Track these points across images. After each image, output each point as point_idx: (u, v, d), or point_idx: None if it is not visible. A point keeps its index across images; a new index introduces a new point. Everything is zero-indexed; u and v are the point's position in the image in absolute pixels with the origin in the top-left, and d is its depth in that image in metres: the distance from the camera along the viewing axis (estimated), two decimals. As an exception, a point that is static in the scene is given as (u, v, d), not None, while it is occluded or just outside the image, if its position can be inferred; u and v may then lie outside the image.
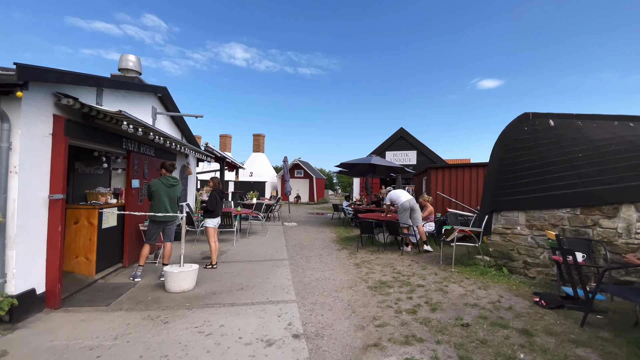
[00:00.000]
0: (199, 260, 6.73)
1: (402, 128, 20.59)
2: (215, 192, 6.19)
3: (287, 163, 12.65)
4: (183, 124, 9.41)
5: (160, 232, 5.51)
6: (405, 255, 7.00)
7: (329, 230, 11.05)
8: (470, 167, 9.18)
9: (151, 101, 7.34)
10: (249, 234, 9.90)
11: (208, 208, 6.05)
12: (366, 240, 8.62)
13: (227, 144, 32.58)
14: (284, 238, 9.34)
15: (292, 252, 7.45)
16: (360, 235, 7.77)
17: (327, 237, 9.67)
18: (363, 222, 7.25)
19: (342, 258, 6.83)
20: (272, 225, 11.88)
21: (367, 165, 11.99)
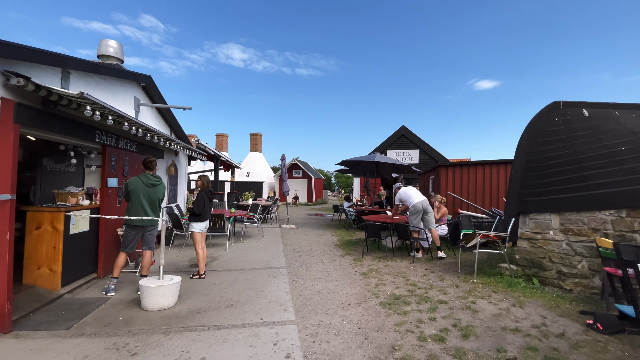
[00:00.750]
0: (186, 268, 5.99)
1: (404, 126, 19.90)
2: (204, 192, 5.46)
3: (285, 162, 11.93)
4: (172, 118, 8.67)
5: (139, 238, 4.77)
6: (416, 262, 6.29)
7: (330, 233, 10.33)
8: (484, 165, 8.48)
9: (133, 91, 6.60)
10: (243, 237, 9.16)
11: (194, 211, 5.32)
12: (371, 244, 7.90)
13: (223, 144, 31.79)
14: (282, 242, 8.61)
15: (290, 259, 6.72)
16: (365, 240, 7.06)
17: (329, 240, 8.94)
18: (369, 225, 6.53)
19: (347, 265, 6.11)
20: (269, 228, 11.14)
21: (370, 164, 11.28)
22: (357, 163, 11.23)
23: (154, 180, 4.70)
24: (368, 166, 11.74)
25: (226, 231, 7.63)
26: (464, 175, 8.50)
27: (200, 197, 5.39)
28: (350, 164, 11.23)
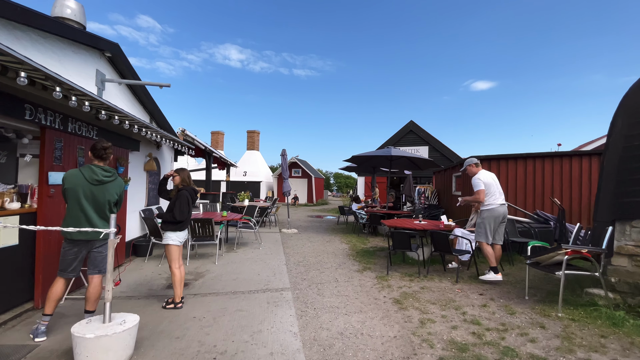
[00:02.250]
0: (161, 290, 4.57)
1: (412, 121, 18.55)
2: (186, 192, 4.04)
3: (286, 157, 10.51)
4: (151, 104, 7.23)
5: (82, 258, 3.34)
6: (461, 282, 4.89)
7: (339, 239, 8.91)
8: (525, 159, 7.09)
9: (94, 62, 5.17)
10: (237, 245, 7.73)
11: (175, 217, 3.90)
12: (394, 256, 6.52)
13: (219, 142, 30.30)
14: (283, 251, 7.19)
15: (295, 276, 5.31)
16: (389, 251, 5.65)
17: (339, 249, 7.53)
18: (396, 233, 5.13)
19: (370, 286, 4.71)
20: (267, 233, 9.71)
21: (383, 160, 9.88)
22: (368, 159, 9.84)
23: (102, 174, 3.27)
24: (380, 162, 10.35)
25: (216, 239, 6.21)
26: (501, 171, 7.12)
27: (184, 198, 3.97)
28: (360, 159, 9.83)
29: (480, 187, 4.93)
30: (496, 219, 4.85)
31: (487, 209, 4.90)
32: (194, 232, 6.10)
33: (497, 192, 4.94)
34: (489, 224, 4.86)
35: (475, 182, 5.02)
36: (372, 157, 9.50)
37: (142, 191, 7.09)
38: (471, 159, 5.24)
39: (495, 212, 4.84)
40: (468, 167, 5.29)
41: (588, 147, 12.52)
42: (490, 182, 4.93)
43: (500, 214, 4.85)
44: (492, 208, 4.86)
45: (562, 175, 6.83)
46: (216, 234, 6.36)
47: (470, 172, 5.21)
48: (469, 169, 5.27)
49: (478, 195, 4.96)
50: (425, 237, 5.89)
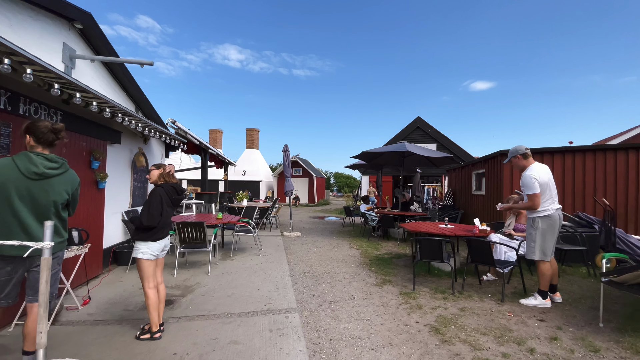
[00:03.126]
0: (140, 309, 3.70)
1: (419, 117, 17.69)
2: (160, 190, 3.17)
3: (288, 154, 9.62)
4: (137, 92, 6.36)
5: (19, 280, 2.45)
6: (507, 301, 4.02)
7: (347, 243, 8.04)
8: (564, 153, 6.20)
9: (61, 34, 4.30)
10: (234, 251, 6.85)
11: (142, 221, 3.02)
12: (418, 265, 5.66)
13: (217, 140, 29.43)
14: (286, 259, 6.31)
15: (302, 291, 4.44)
16: (413, 260, 4.79)
17: (349, 256, 6.66)
18: (424, 240, 4.25)
19: (395, 306, 3.84)
20: (268, 236, 8.83)
21: (395, 156, 9.00)
22: (378, 155, 8.96)
23: (44, 165, 2.38)
24: (392, 159, 9.47)
25: (208, 246, 5.33)
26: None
27: (156, 198, 3.09)
28: (370, 156, 8.95)
29: (536, 190, 3.80)
30: (554, 228, 3.85)
31: (542, 216, 3.85)
32: (183, 237, 5.22)
33: (553, 194, 3.91)
34: (544, 236, 3.84)
35: (527, 181, 3.85)
36: (383, 153, 8.63)
37: (126, 190, 6.21)
38: (519, 147, 4.08)
39: (553, 219, 3.84)
40: (514, 158, 4.09)
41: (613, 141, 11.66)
42: (545, 181, 3.86)
43: (558, 222, 3.87)
44: (548, 215, 3.84)
45: (606, 172, 5.97)
46: (209, 239, 5.49)
47: (518, 166, 4.12)
48: (516, 162, 4.08)
49: (532, 202, 3.82)
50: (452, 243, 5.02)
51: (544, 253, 3.87)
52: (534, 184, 3.84)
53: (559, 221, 3.90)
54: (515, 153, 4.12)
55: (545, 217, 3.87)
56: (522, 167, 4.09)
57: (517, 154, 4.11)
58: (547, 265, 3.86)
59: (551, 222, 3.86)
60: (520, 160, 4.08)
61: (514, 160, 4.16)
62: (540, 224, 3.89)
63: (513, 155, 4.15)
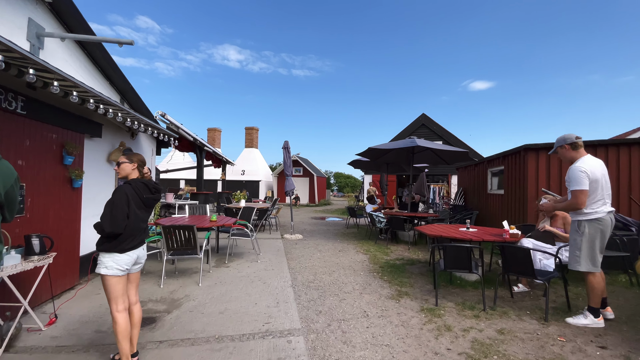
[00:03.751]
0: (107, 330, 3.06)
1: (424, 114, 17.09)
2: (127, 188, 2.54)
3: (289, 151, 9.00)
4: (122, 81, 5.75)
5: None
6: (552, 320, 3.40)
7: (353, 247, 7.42)
8: (596, 147, 5.58)
9: (27, 8, 3.68)
10: (230, 257, 6.23)
11: (102, 227, 2.39)
12: (429, 272, 5.05)
13: (216, 139, 28.80)
14: (287, 265, 5.69)
15: (306, 306, 3.82)
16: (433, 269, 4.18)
17: (357, 262, 6.04)
18: (450, 248, 3.63)
19: (418, 326, 3.23)
20: (267, 239, 8.21)
21: (404, 152, 8.39)
22: (384, 152, 8.34)
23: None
24: (400, 157, 8.85)
25: (200, 253, 4.71)
26: (564, 165, 5.61)
27: (120, 197, 2.46)
28: (376, 153, 8.32)
29: (583, 187, 3.17)
30: (604, 234, 3.23)
31: (590, 219, 3.23)
32: (171, 242, 4.61)
33: (606, 194, 3.27)
34: (592, 243, 3.22)
35: (575, 175, 3.22)
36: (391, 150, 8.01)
37: (109, 190, 5.59)
38: (567, 135, 3.41)
39: (604, 223, 3.22)
40: (561, 149, 3.45)
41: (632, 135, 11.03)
42: (598, 178, 3.23)
43: (609, 228, 3.25)
44: (598, 218, 3.22)
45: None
46: (201, 245, 4.87)
47: (565, 158, 3.47)
48: (563, 152, 3.44)
49: (575, 199, 3.20)
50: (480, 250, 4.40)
51: (593, 263, 3.25)
52: (581, 179, 3.21)
53: (610, 226, 3.28)
54: (562, 142, 3.47)
55: (594, 220, 3.24)
56: (571, 159, 3.43)
57: (564, 144, 3.45)
58: (598, 277, 3.24)
59: (601, 226, 3.23)
60: (568, 151, 3.42)
61: (560, 150, 3.51)
62: (588, 229, 3.27)
63: (560, 144, 3.49)
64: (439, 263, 3.98)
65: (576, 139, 3.37)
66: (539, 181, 5.75)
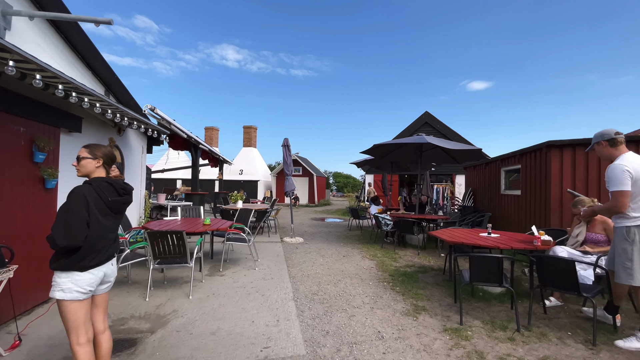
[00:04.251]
0: None
1: (428, 112, 16.62)
2: (91, 188, 2.03)
3: (289, 149, 8.49)
4: (107, 72, 5.24)
5: None
6: (601, 345, 2.91)
7: (358, 251, 6.92)
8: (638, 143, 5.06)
9: (-18, -23, 3.17)
10: (225, 263, 5.73)
11: (54, 240, 1.88)
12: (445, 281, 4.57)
13: (213, 138, 28.27)
14: (288, 273, 5.20)
15: (311, 324, 3.33)
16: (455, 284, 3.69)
17: (363, 269, 5.55)
18: (477, 258, 3.14)
19: (443, 352, 2.74)
20: (266, 243, 7.71)
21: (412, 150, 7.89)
22: (391, 150, 7.84)
23: None
24: (406, 155, 8.36)
25: (190, 261, 4.20)
26: (591, 163, 5.10)
27: (78, 200, 1.95)
28: (382, 150, 7.82)
29: (624, 187, 2.80)
30: None
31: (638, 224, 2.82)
32: (157, 250, 4.10)
33: None
34: None
35: (616, 174, 2.85)
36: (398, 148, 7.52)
37: (91, 190, 5.06)
38: (606, 130, 3.02)
39: None
40: (598, 145, 3.10)
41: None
42: None
43: None
44: None
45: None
46: (192, 252, 4.36)
47: (604, 155, 3.08)
48: (600, 150, 3.08)
49: (615, 201, 2.84)
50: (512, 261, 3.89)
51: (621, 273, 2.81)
52: (623, 178, 2.80)
53: None
54: (599, 139, 3.08)
55: None
56: (609, 157, 3.05)
57: (601, 140, 3.06)
58: None
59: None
60: (606, 148, 3.04)
61: (597, 147, 3.12)
62: (638, 236, 2.81)
63: (597, 141, 3.10)
64: (462, 274, 3.49)
65: (615, 135, 2.98)
66: (563, 181, 5.27)
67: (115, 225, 2.19)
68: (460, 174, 15.68)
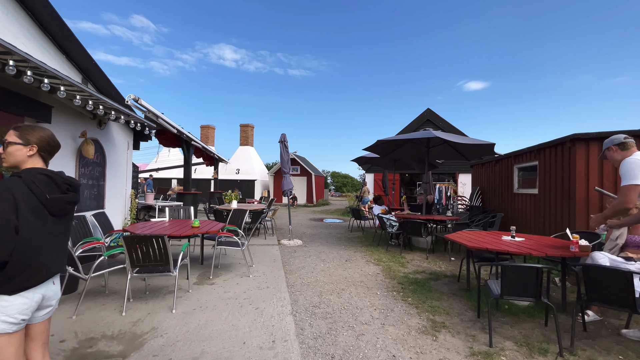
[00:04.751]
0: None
1: (429, 109, 16.15)
2: (22, 183, 1.51)
3: (286, 145, 7.97)
4: (84, 58, 4.72)
5: None
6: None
7: (361, 255, 6.42)
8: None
9: None
10: (216, 269, 5.21)
11: None
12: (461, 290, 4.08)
13: (209, 137, 27.72)
14: (286, 282, 4.68)
15: (313, 345, 2.82)
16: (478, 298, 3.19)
17: (369, 275, 5.05)
18: (509, 269, 2.64)
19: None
20: (262, 246, 7.19)
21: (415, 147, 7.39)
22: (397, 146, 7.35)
23: None
24: (412, 151, 7.87)
25: (174, 270, 3.67)
26: (621, 157, 4.64)
27: (3, 199, 1.43)
28: (387, 146, 7.32)
29: (636, 181, 2.58)
30: None
31: None
32: (136, 257, 3.58)
33: None
34: None
35: (628, 167, 2.65)
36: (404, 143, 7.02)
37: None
38: (615, 136, 2.90)
39: None
40: (608, 151, 2.98)
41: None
42: None
43: None
44: None
45: None
46: (178, 258, 3.83)
47: (615, 161, 2.92)
48: (611, 155, 2.95)
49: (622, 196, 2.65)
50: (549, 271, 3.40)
51: None
52: (637, 171, 2.61)
53: None
54: (609, 144, 2.96)
55: None
56: (620, 159, 2.86)
57: (611, 145, 2.94)
58: None
59: None
60: (617, 153, 2.91)
61: (608, 154, 3.00)
62: None
63: (607, 146, 2.98)
64: (489, 287, 2.99)
65: (625, 139, 2.85)
66: (590, 179, 4.78)
67: (60, 232, 1.67)
68: (463, 172, 15.22)
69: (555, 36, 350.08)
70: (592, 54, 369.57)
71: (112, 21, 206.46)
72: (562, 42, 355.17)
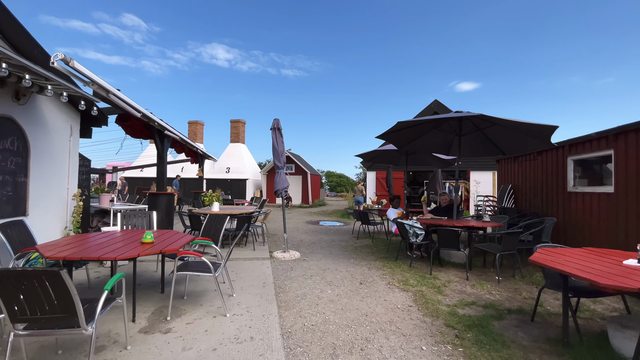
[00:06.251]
0: None
1: (437, 101, 14.76)
2: None
3: (280, 132, 6.42)
4: None
5: None
6: None
7: (378, 274, 4.92)
8: None
9: None
10: (180, 302, 3.65)
11: None
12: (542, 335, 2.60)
13: (197, 133, 25.99)
14: (279, 324, 3.15)
15: None
16: None
17: (398, 309, 3.55)
18: None
19: None
20: (248, 261, 5.64)
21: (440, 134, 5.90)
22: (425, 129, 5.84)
23: None
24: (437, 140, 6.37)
25: (87, 325, 2.12)
26: None
27: None
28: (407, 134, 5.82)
29: None
30: None
31: None
32: (18, 307, 2.02)
33: None
34: None
35: None
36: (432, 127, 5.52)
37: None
38: None
39: None
40: None
41: None
42: None
43: None
44: None
45: None
46: (99, 300, 2.28)
47: None
48: None
49: None
50: None
51: None
52: None
53: None
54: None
55: None
56: None
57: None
58: None
59: None
60: None
61: None
62: None
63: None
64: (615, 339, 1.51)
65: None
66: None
67: None
68: (476, 169, 13.79)
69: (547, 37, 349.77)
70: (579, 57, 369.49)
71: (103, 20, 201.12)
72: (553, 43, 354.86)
